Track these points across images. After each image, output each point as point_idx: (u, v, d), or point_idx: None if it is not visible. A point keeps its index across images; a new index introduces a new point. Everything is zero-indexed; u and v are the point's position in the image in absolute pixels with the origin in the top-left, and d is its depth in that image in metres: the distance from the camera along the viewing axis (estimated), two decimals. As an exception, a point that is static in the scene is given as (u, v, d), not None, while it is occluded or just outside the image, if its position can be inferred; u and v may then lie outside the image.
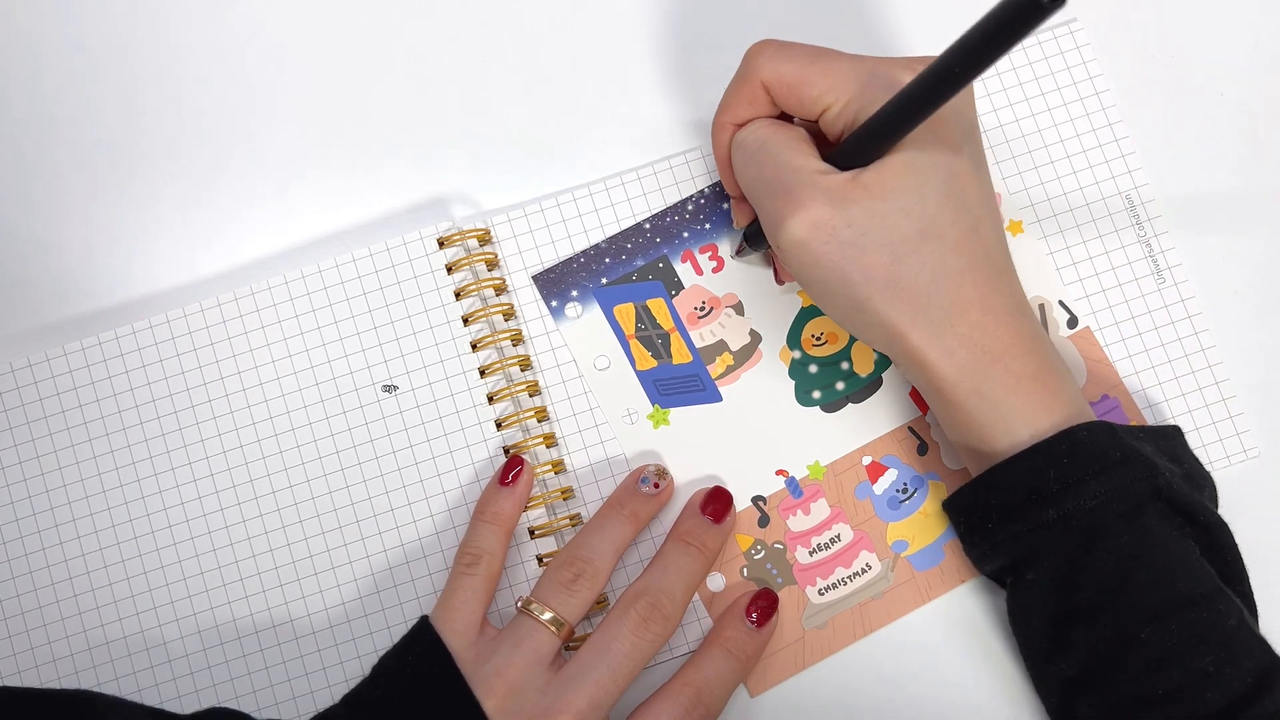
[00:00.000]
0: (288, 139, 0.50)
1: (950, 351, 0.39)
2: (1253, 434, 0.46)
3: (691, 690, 0.42)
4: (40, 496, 0.47)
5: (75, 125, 0.51)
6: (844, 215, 0.38)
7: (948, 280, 0.38)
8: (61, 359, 0.48)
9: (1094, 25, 0.49)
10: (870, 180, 0.38)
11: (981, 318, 0.39)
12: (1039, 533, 0.39)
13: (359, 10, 0.51)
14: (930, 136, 0.38)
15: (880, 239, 0.38)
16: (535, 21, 0.51)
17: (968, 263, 0.38)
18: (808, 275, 0.39)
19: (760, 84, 0.41)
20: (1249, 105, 0.49)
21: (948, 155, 0.38)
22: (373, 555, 0.46)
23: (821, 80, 0.40)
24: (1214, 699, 0.37)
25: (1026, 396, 0.39)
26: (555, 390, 0.47)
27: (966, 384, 0.39)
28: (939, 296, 0.38)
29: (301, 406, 0.47)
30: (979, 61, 0.32)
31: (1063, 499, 0.38)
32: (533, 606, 0.42)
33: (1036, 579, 0.40)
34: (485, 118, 0.50)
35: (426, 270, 0.48)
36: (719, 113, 0.43)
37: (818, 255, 0.38)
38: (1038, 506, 0.39)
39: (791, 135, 0.41)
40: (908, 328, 0.39)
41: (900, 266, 0.38)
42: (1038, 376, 0.39)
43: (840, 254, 0.38)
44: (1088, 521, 0.38)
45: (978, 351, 0.39)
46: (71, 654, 0.46)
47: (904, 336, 0.39)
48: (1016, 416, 0.39)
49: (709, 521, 0.45)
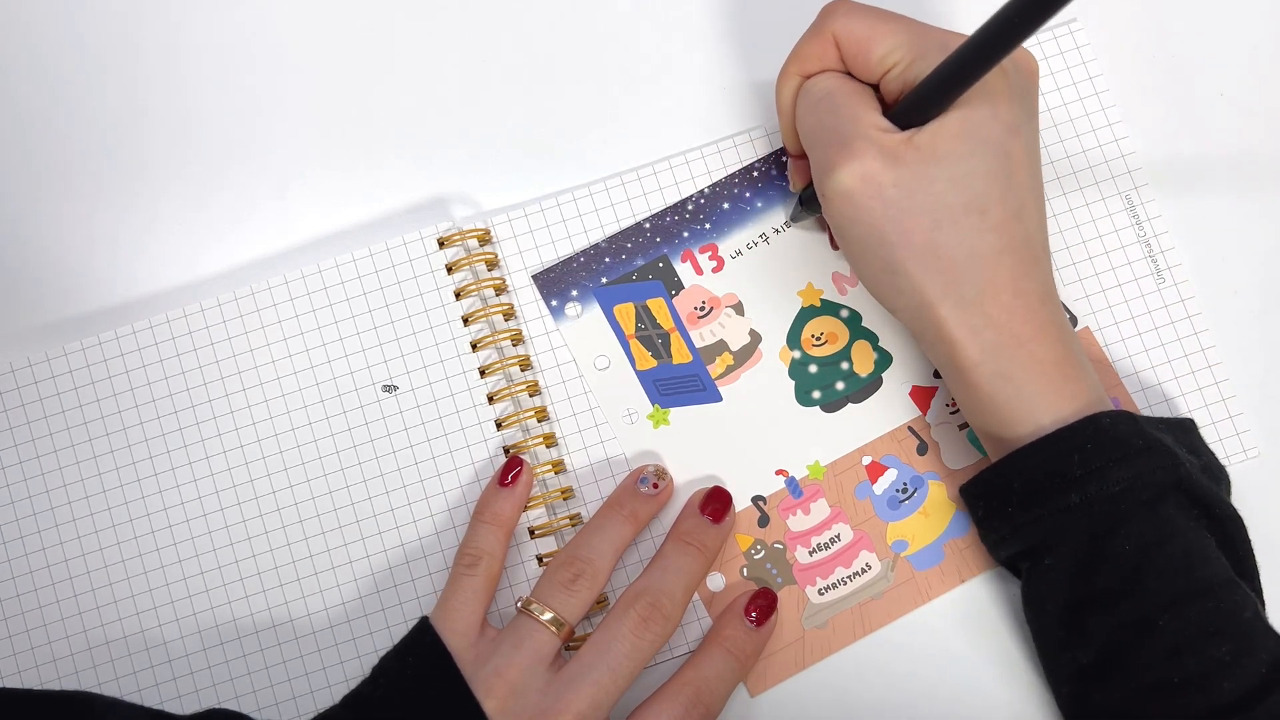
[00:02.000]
0: (288, 139, 0.50)
1: (977, 330, 0.39)
2: (1253, 434, 0.46)
3: (691, 690, 0.42)
4: (40, 496, 0.47)
5: (76, 125, 0.51)
6: (893, 174, 0.38)
7: (984, 259, 0.38)
8: (61, 359, 0.48)
9: (1094, 25, 0.49)
10: (924, 142, 0.38)
11: (1012, 301, 0.39)
12: (1060, 517, 0.39)
13: (359, 10, 0.51)
14: (990, 111, 0.38)
15: (924, 204, 0.38)
16: (535, 21, 0.51)
17: (1006, 244, 0.38)
18: (847, 229, 0.39)
19: (832, 37, 0.41)
20: (1249, 105, 0.49)
21: (1003, 134, 0.38)
22: (373, 555, 0.46)
23: (889, 39, 0.40)
24: (1230, 689, 0.37)
25: (1050, 382, 0.39)
26: (555, 390, 0.47)
27: (990, 366, 0.39)
28: (973, 274, 0.38)
29: (301, 406, 0.47)
30: (1036, 14, 0.32)
31: (1086, 484, 0.38)
32: (533, 607, 0.42)
33: (1055, 564, 0.40)
34: (485, 118, 0.50)
35: (426, 270, 0.48)
36: (787, 63, 0.43)
37: (860, 209, 0.38)
38: (1060, 490, 0.39)
39: (859, 89, 0.41)
40: (938, 299, 0.39)
41: (939, 235, 0.38)
42: (1062, 364, 0.39)
43: (883, 211, 0.38)
44: (1110, 507, 0.38)
45: (1005, 334, 0.39)
46: (71, 654, 0.46)
47: (933, 307, 0.39)
48: (1040, 401, 0.39)
49: (708, 521, 0.45)
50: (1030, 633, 0.42)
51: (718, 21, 0.50)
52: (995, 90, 0.38)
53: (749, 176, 0.48)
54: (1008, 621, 0.45)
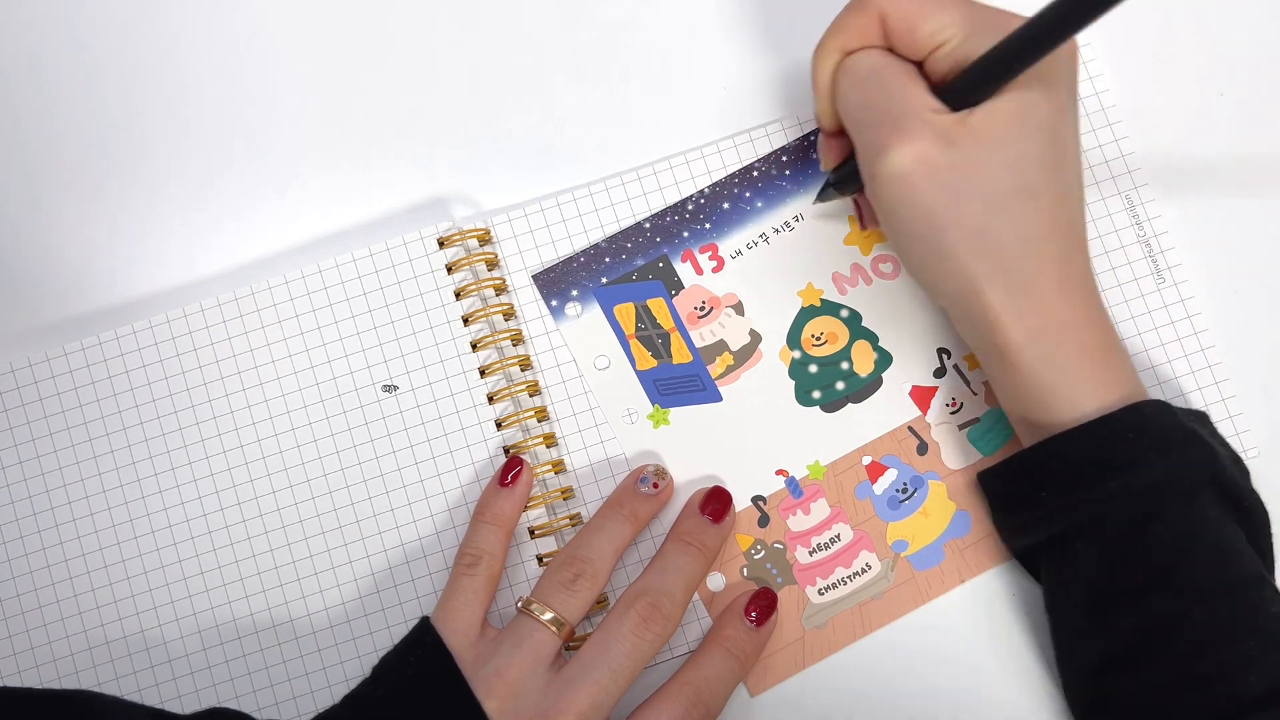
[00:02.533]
0: (288, 139, 0.50)
1: (1023, 315, 0.38)
2: (1253, 433, 0.46)
3: (691, 690, 0.42)
4: (40, 496, 0.47)
5: (75, 125, 0.51)
6: (948, 156, 0.38)
7: (1032, 244, 0.38)
8: (61, 359, 0.48)
9: (1094, 25, 0.49)
10: (978, 124, 0.38)
11: (1059, 286, 0.38)
12: (1099, 505, 0.39)
13: (359, 10, 0.51)
14: (1041, 94, 0.38)
15: (977, 188, 0.38)
16: (534, 21, 0.51)
17: (1052, 229, 0.38)
18: (897, 212, 0.39)
19: (878, 13, 0.40)
20: (1250, 105, 0.49)
21: (1055, 116, 0.38)
22: (372, 555, 0.46)
23: (939, 16, 0.39)
24: (1255, 683, 0.36)
25: (1093, 369, 0.39)
26: (555, 390, 0.47)
27: (1035, 350, 0.39)
28: (1022, 259, 0.38)
29: (301, 406, 0.47)
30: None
31: (1128, 472, 0.38)
32: (533, 607, 0.42)
33: (1086, 551, 0.39)
34: (485, 118, 0.50)
35: (426, 270, 0.48)
36: (827, 37, 0.41)
37: (914, 192, 0.38)
38: (1101, 478, 0.38)
39: (905, 67, 0.40)
40: (985, 284, 0.38)
41: (991, 219, 0.38)
42: (1106, 351, 0.39)
43: (935, 195, 0.38)
44: (1149, 498, 0.38)
45: (1051, 319, 0.38)
46: (71, 654, 0.46)
47: (981, 293, 0.39)
48: (1083, 387, 0.39)
49: (708, 521, 0.45)
50: (1049, 623, 0.42)
51: (719, 21, 0.50)
52: (1047, 73, 0.38)
53: (749, 176, 0.48)
54: (1007, 621, 0.45)
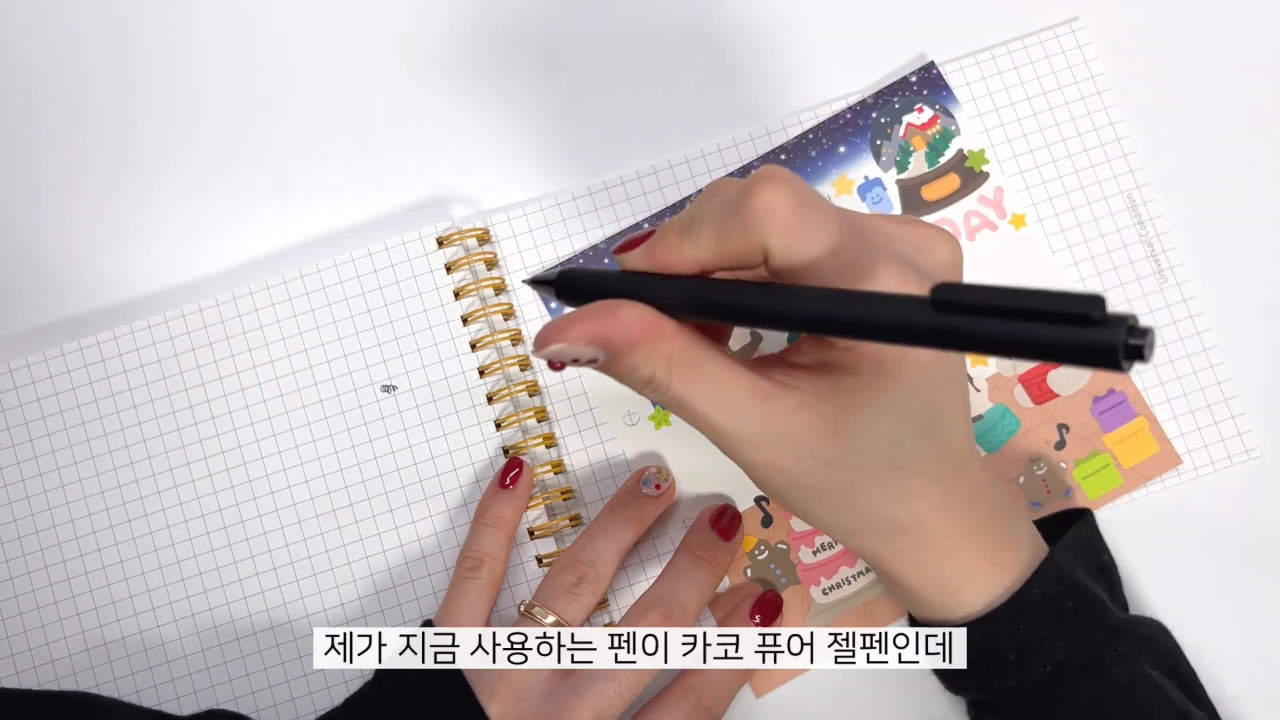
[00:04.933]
0: (287, 138, 0.50)
1: (901, 551, 0.36)
2: (1255, 434, 0.46)
3: (694, 694, 0.42)
4: (39, 497, 0.47)
5: (74, 124, 0.51)
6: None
7: (907, 501, 0.35)
8: (61, 359, 0.48)
9: (1095, 24, 0.49)
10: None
11: (941, 521, 0.35)
12: (1001, 692, 0.38)
13: (358, 9, 0.51)
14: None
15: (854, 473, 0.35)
16: (534, 21, 0.51)
17: (925, 486, 0.35)
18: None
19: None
20: (1251, 103, 0.49)
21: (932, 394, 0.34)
22: (372, 556, 0.46)
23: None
24: None
25: (981, 573, 0.37)
26: (555, 390, 0.47)
27: (917, 576, 0.37)
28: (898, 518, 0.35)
29: (300, 407, 0.47)
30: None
31: (1022, 668, 0.37)
32: (535, 610, 0.42)
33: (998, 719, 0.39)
34: (485, 117, 0.50)
35: (426, 270, 0.48)
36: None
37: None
38: (996, 674, 0.37)
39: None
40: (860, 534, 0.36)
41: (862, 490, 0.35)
42: (993, 557, 0.37)
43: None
44: (1050, 682, 0.37)
45: (934, 551, 0.36)
46: (70, 655, 0.46)
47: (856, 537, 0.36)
48: (970, 591, 0.37)
49: (718, 538, 0.44)
50: None
51: (719, 22, 0.50)
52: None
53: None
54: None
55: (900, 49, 0.49)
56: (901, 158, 0.48)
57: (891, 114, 0.48)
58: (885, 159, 0.48)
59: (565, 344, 0.32)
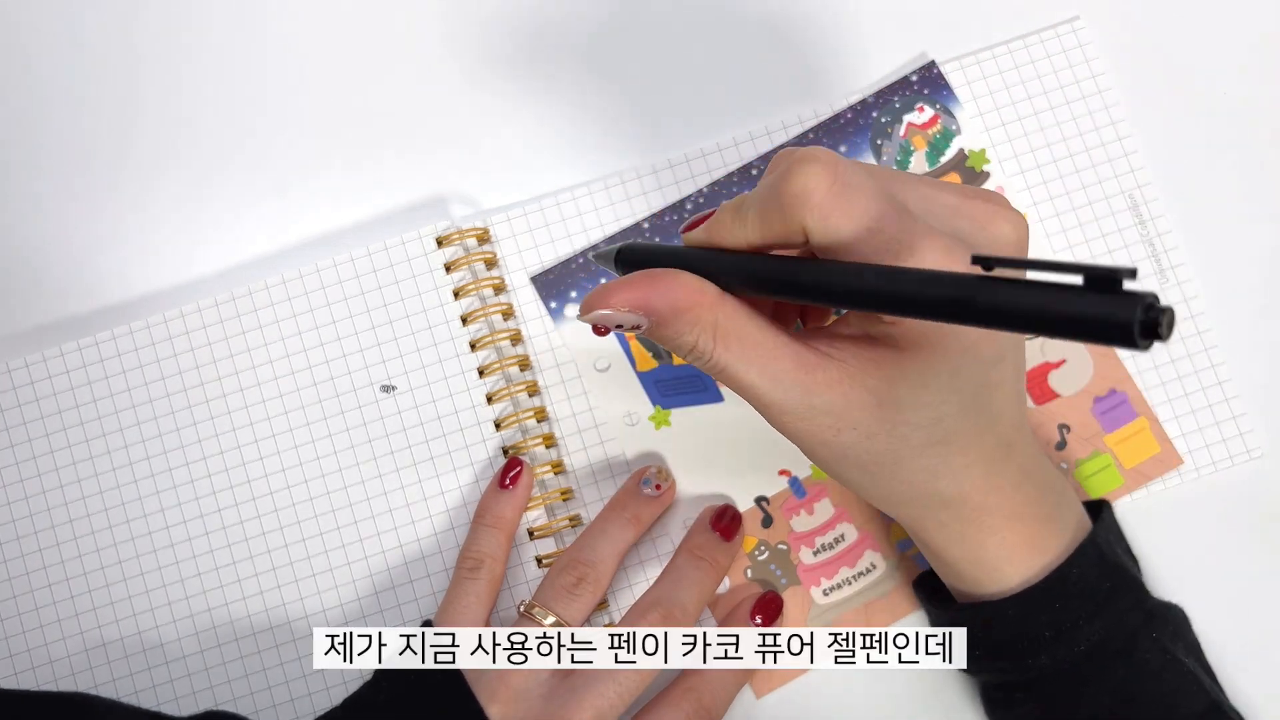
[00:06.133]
0: (287, 138, 0.50)
1: (944, 525, 0.36)
2: (1256, 434, 0.46)
3: (694, 696, 0.42)
4: (38, 497, 0.47)
5: (74, 124, 0.51)
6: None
7: (953, 476, 0.35)
8: (60, 359, 0.48)
9: (1096, 23, 0.49)
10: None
11: (984, 499, 0.36)
12: (1031, 672, 0.38)
13: (358, 9, 0.51)
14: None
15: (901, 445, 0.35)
16: (534, 21, 0.51)
17: (971, 460, 0.35)
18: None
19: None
20: (1252, 103, 0.48)
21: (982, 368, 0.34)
22: (371, 557, 0.46)
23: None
24: None
25: (1020, 551, 0.37)
26: (554, 390, 0.47)
27: (957, 551, 0.37)
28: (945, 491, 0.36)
29: (300, 407, 0.47)
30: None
31: (1056, 646, 0.37)
32: (535, 611, 0.42)
33: (1024, 700, 0.39)
34: (485, 117, 0.50)
35: (425, 270, 0.48)
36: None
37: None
38: (1030, 652, 0.37)
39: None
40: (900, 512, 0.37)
41: (909, 464, 0.35)
42: (1034, 537, 0.37)
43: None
44: (1082, 662, 0.37)
45: (977, 528, 0.36)
46: (69, 655, 0.46)
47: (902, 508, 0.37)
48: (1008, 568, 0.37)
49: (719, 538, 0.44)
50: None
51: (719, 22, 0.50)
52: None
53: (748, 176, 0.48)
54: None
55: (901, 48, 0.49)
56: (902, 157, 0.48)
57: (892, 113, 0.48)
58: (886, 158, 0.48)
59: (610, 309, 0.33)
